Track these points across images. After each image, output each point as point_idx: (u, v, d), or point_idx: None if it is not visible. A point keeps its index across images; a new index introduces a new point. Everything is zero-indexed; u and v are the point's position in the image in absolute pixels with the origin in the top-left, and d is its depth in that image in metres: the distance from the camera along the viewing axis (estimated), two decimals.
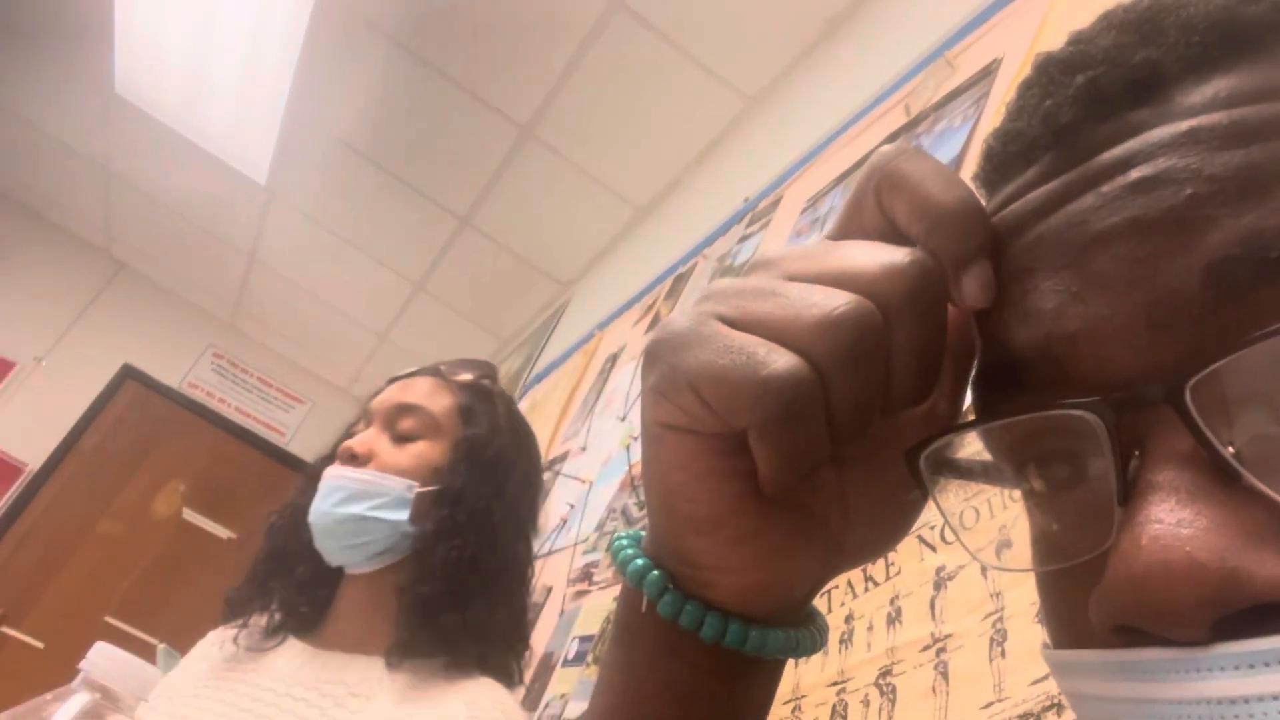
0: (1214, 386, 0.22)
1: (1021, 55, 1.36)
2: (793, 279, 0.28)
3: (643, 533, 0.33)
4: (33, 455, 3.98)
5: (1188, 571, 0.20)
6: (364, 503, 0.98)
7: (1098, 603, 0.23)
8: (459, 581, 0.97)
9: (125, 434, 4.14)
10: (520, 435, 1.13)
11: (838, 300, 0.26)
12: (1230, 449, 0.22)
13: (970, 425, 0.28)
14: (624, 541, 0.33)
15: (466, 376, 1.10)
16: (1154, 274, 0.23)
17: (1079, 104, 0.27)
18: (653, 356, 0.29)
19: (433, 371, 1.11)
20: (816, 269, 0.27)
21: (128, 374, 4.26)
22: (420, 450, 1.03)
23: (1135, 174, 0.24)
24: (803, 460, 0.26)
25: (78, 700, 0.45)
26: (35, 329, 4.18)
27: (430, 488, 1.01)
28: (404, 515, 0.99)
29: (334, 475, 1.01)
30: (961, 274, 0.27)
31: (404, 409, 1.05)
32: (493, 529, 1.01)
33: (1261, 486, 0.21)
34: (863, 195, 0.30)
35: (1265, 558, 0.21)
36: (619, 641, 0.33)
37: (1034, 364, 0.26)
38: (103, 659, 0.46)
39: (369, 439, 1.03)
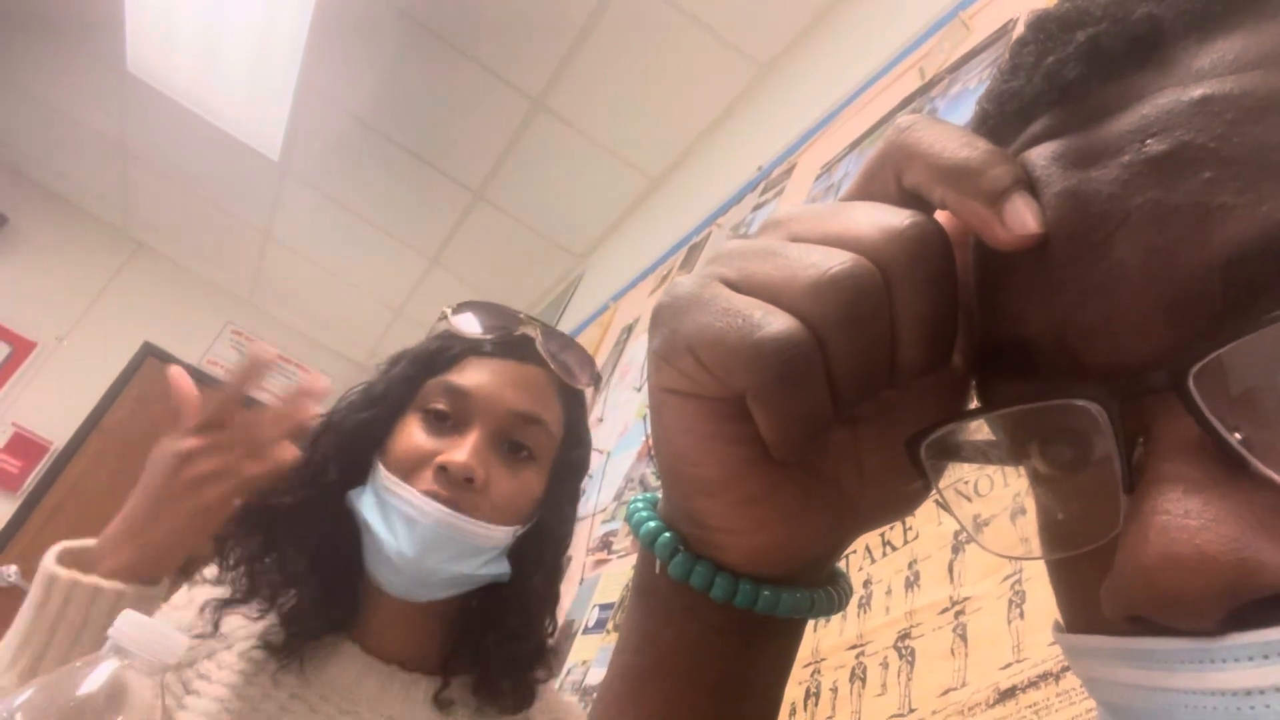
0: (1220, 373, 0.22)
1: None
2: (797, 240, 0.27)
3: (659, 496, 0.33)
4: (57, 433, 4.04)
5: (1198, 563, 0.20)
6: (473, 560, 0.80)
7: (1108, 594, 0.23)
8: (536, 614, 0.87)
9: (147, 412, 4.19)
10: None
11: (834, 260, 0.25)
12: (1237, 435, 0.21)
13: (974, 414, 0.28)
14: (639, 505, 0.33)
15: (576, 376, 0.89)
16: (1172, 269, 0.23)
17: (1082, 61, 0.27)
18: (656, 320, 0.28)
19: (537, 356, 0.87)
20: (821, 230, 0.27)
21: (148, 352, 4.30)
22: (529, 481, 0.84)
23: (1152, 146, 0.23)
24: (804, 423, 0.26)
25: (107, 666, 0.46)
26: (56, 309, 4.22)
27: (528, 525, 0.85)
28: (505, 568, 0.83)
29: (442, 520, 0.78)
30: (1002, 209, 0.25)
31: (526, 421, 0.83)
32: (565, 551, 0.92)
33: (1269, 473, 0.21)
34: (877, 168, 0.29)
35: (1276, 547, 0.20)
36: (636, 603, 0.34)
37: (1047, 349, 0.25)
38: (130, 626, 0.47)
39: (483, 454, 0.81)
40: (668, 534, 0.31)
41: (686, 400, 0.28)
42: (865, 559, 1.00)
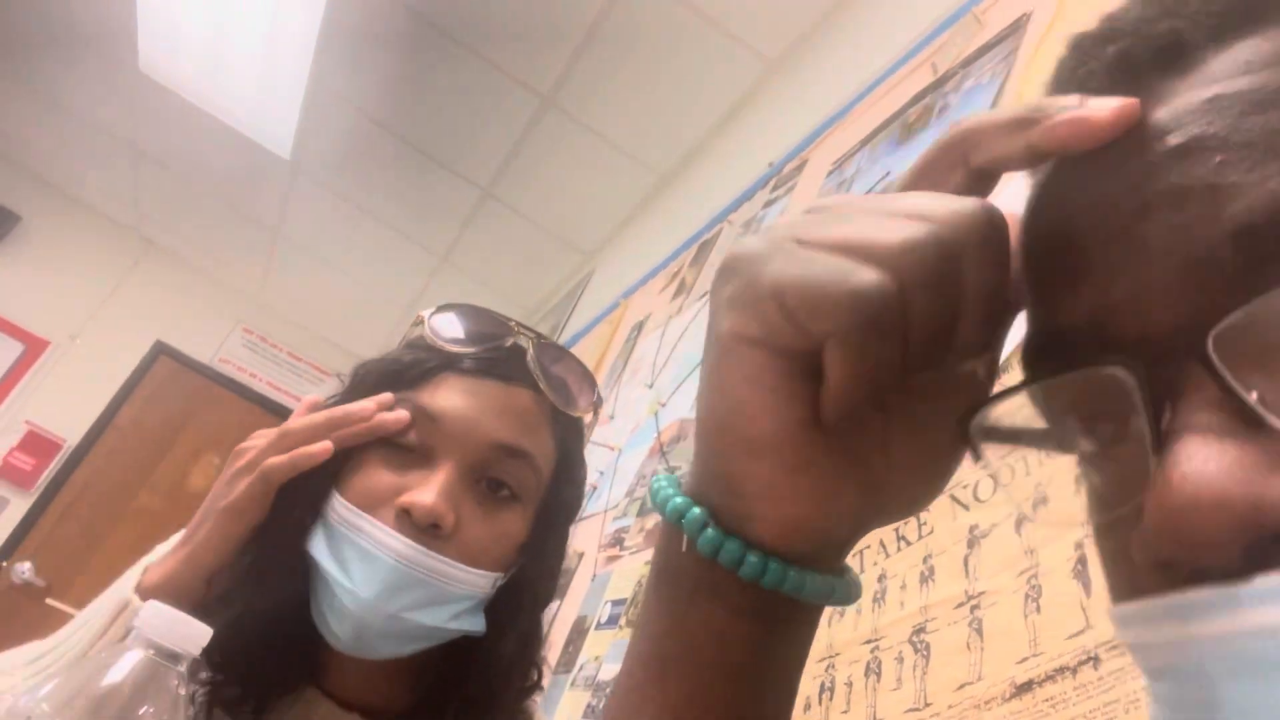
0: (1237, 336, 0.23)
1: (1051, 10, 1.34)
2: (862, 213, 0.28)
3: (680, 478, 0.34)
4: (71, 431, 4.06)
5: (1215, 500, 0.22)
6: (444, 610, 0.68)
7: (1138, 542, 0.24)
8: (502, 682, 0.73)
9: (160, 409, 4.22)
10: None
11: (919, 227, 0.27)
12: (1254, 394, 0.23)
13: (1017, 389, 0.29)
14: (663, 483, 0.33)
15: (575, 399, 0.77)
16: (1189, 243, 0.24)
17: (1111, 71, 0.29)
18: (729, 270, 0.29)
19: (527, 376, 0.74)
20: (887, 208, 0.28)
21: (160, 350, 4.33)
22: (509, 525, 0.72)
23: (1170, 140, 0.26)
24: (873, 377, 0.27)
25: (133, 656, 0.46)
26: (69, 308, 4.25)
27: (509, 572, 0.73)
28: (480, 623, 0.71)
29: (405, 556, 0.66)
30: (1088, 106, 0.27)
31: (509, 454, 0.71)
32: (545, 606, 0.79)
33: None
34: (936, 157, 0.31)
35: None
36: (657, 587, 0.34)
37: (1082, 331, 0.27)
38: (154, 617, 0.47)
39: (454, 495, 0.68)
40: (697, 509, 0.31)
41: (757, 350, 0.29)
42: (880, 554, 1.00)
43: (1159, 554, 0.23)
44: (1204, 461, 0.22)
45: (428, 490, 0.67)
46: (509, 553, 0.72)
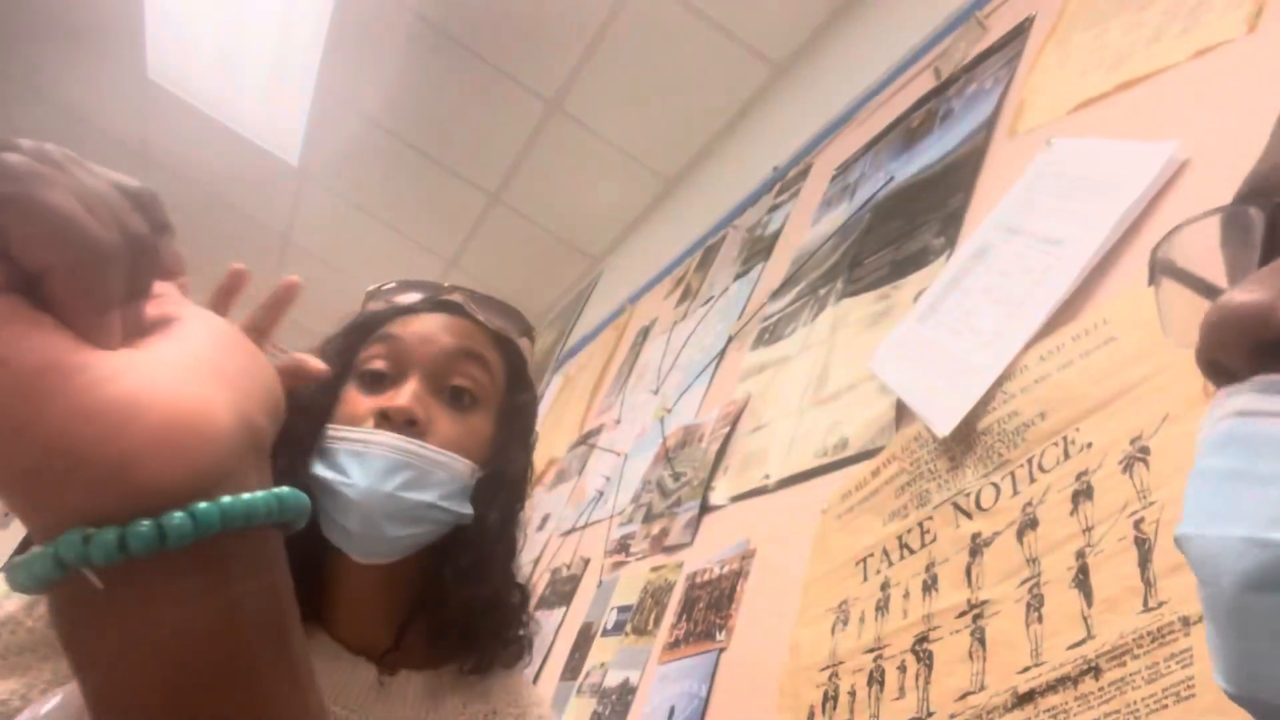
0: None
1: (1055, 13, 1.34)
2: None
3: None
4: None
5: (1236, 310, 0.28)
6: (434, 490, 0.77)
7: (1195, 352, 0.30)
8: (500, 573, 0.84)
9: None
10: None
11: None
12: None
13: (1197, 218, 0.34)
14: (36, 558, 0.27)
15: (505, 327, 0.90)
16: None
17: None
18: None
19: (466, 313, 0.87)
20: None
21: None
22: (475, 424, 0.82)
23: None
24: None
25: None
26: None
27: (485, 468, 0.82)
28: (467, 507, 0.80)
29: (393, 446, 0.76)
30: None
31: (464, 356, 0.82)
32: (520, 498, 0.87)
33: None
34: None
35: None
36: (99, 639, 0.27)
37: (1263, 179, 0.33)
38: None
39: (424, 399, 0.79)
40: (96, 531, 0.26)
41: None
42: (883, 562, 1.00)
43: (1199, 356, 0.29)
44: (1242, 289, 0.28)
45: (400, 395, 0.78)
46: (480, 446, 0.82)
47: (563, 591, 1.84)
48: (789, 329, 1.58)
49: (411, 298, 0.90)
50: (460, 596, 0.80)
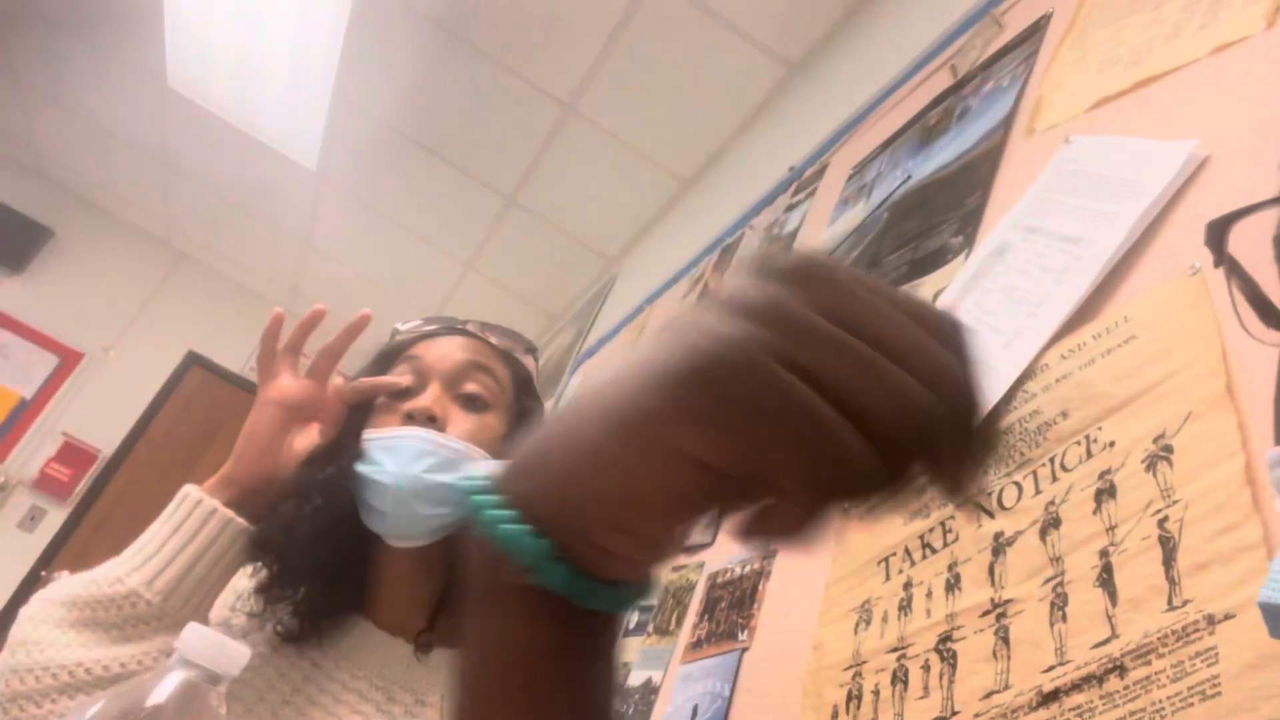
0: None
1: (1072, 10, 1.33)
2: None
3: (494, 487, 0.31)
4: (105, 442, 4.14)
5: None
6: (457, 474, 0.88)
7: None
8: None
9: (193, 419, 4.28)
10: None
11: (925, 397, 0.26)
12: None
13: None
14: (486, 502, 0.31)
15: (511, 345, 1.02)
16: None
17: None
18: (698, 361, 0.26)
19: (471, 333, 1.01)
20: (878, 362, 0.26)
21: (193, 360, 4.39)
22: (489, 422, 0.94)
23: None
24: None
25: (175, 677, 0.48)
26: (102, 320, 4.33)
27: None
28: None
29: (418, 437, 0.88)
30: None
31: (475, 368, 0.95)
32: None
33: None
34: None
35: None
36: (484, 611, 0.32)
37: None
38: (195, 638, 0.49)
39: (442, 402, 0.92)
40: (540, 541, 0.29)
41: (697, 471, 0.26)
42: (905, 561, 1.00)
43: None
44: None
45: (422, 399, 0.92)
46: (494, 441, 0.93)
47: None
48: None
49: (431, 327, 1.03)
50: None
